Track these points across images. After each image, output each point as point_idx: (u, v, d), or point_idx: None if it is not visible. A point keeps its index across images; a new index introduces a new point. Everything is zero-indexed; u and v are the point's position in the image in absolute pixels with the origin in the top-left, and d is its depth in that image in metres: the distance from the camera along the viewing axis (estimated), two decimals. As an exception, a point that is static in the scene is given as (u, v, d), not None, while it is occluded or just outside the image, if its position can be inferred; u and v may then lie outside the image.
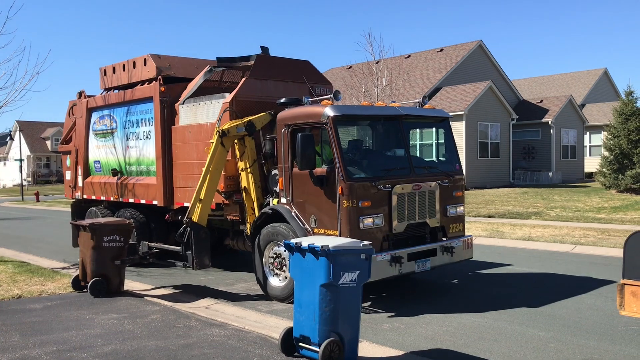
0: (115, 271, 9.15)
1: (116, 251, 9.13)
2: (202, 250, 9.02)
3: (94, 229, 8.97)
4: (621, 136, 26.87)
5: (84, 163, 13.49)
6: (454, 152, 9.43)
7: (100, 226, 9.07)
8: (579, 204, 21.45)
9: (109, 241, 9.04)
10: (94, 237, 8.94)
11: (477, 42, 35.88)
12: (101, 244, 8.98)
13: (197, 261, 8.99)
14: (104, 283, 9.00)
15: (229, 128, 9.01)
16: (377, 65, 25.01)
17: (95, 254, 8.99)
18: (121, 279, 9.29)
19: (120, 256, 9.18)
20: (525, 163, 35.48)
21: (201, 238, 9.02)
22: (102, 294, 8.93)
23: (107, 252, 9.03)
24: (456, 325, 7.19)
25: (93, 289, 8.93)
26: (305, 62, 10.97)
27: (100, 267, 9.00)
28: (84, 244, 9.18)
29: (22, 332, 7.10)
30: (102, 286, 8.97)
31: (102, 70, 13.15)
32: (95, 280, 8.94)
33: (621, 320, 7.09)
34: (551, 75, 51.13)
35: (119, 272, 9.22)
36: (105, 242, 9.00)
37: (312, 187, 8.10)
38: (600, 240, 13.26)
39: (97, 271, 9.00)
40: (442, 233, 8.79)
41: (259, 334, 6.89)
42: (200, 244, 9.00)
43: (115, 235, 9.10)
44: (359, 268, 5.74)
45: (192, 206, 9.07)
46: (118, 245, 9.14)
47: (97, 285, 8.95)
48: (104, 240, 8.99)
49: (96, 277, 8.96)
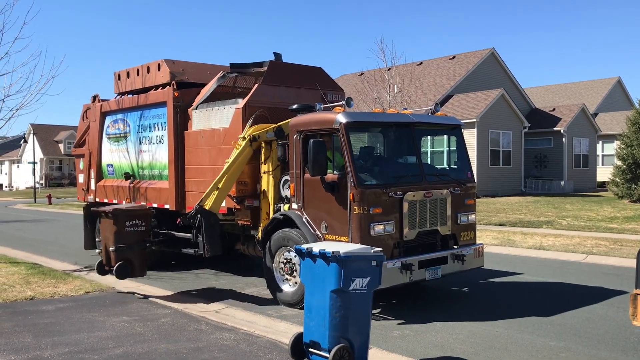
0: (138, 255, 9.31)
1: (138, 236, 9.32)
2: (213, 236, 9.11)
3: (116, 215, 9.19)
4: (634, 146, 26.68)
5: (97, 166, 13.61)
6: (465, 160, 9.42)
7: (122, 212, 9.29)
8: (591, 213, 21.31)
9: (131, 226, 9.26)
10: (117, 222, 9.14)
11: (490, 50, 35.83)
12: (123, 229, 9.17)
13: (208, 247, 9.08)
14: (127, 267, 9.17)
15: (259, 133, 9.16)
16: (388, 72, 25.04)
17: (118, 240, 9.16)
18: (144, 263, 9.45)
19: (143, 241, 9.33)
20: (537, 171, 35.30)
21: (211, 224, 9.09)
22: (127, 276, 9.16)
23: (129, 237, 9.22)
24: (466, 333, 7.17)
25: (118, 272, 9.09)
26: (318, 68, 11.02)
27: (123, 252, 9.16)
28: (106, 229, 9.37)
29: (35, 333, 7.17)
30: (126, 269, 9.16)
31: (116, 74, 13.28)
32: (120, 264, 9.12)
33: (633, 331, 7.04)
34: (564, 84, 50.91)
35: (142, 256, 9.39)
36: (127, 227, 9.21)
37: (323, 193, 8.13)
38: (612, 250, 13.17)
39: (121, 256, 9.16)
40: (453, 241, 8.78)
41: (269, 338, 6.91)
42: (211, 230, 9.08)
43: (137, 220, 9.33)
44: (369, 274, 5.75)
45: (207, 194, 9.17)
46: (140, 230, 9.35)
47: (122, 269, 9.12)
48: (126, 225, 9.20)
49: (120, 262, 9.12)
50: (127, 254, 9.21)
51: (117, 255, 9.18)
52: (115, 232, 9.17)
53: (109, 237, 9.28)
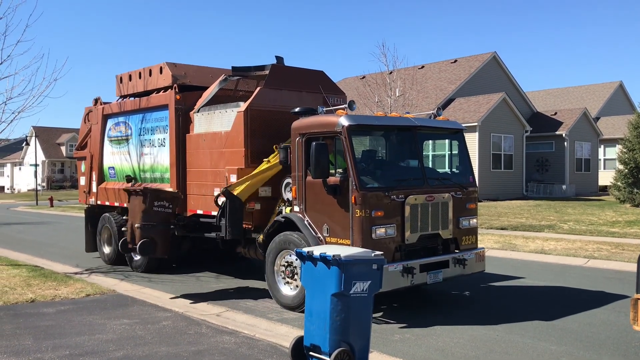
0: (162, 235, 9.34)
1: (164, 216, 9.37)
2: (236, 219, 9.12)
3: (145, 193, 9.30)
4: (636, 150, 26.65)
5: (99, 169, 13.62)
6: (467, 164, 9.42)
7: (152, 191, 9.42)
8: (592, 217, 21.28)
9: (158, 206, 9.33)
10: (145, 201, 9.21)
11: (491, 54, 35.84)
12: (151, 208, 9.24)
13: (229, 230, 9.09)
14: (151, 245, 9.19)
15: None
16: (390, 75, 25.05)
17: (145, 218, 9.20)
18: (167, 244, 9.51)
19: (168, 222, 9.38)
20: (539, 175, 35.27)
21: (236, 208, 9.11)
22: (150, 253, 9.24)
23: (156, 216, 9.26)
24: (467, 337, 7.16)
25: (142, 249, 9.13)
26: (320, 72, 11.03)
27: (148, 230, 9.20)
28: (135, 207, 9.43)
29: (36, 336, 7.17)
30: (150, 247, 9.18)
31: (118, 77, 13.30)
32: (144, 241, 9.16)
33: (635, 336, 7.02)
34: (565, 88, 50.89)
35: (166, 237, 9.44)
36: (155, 207, 9.27)
37: (325, 196, 8.13)
38: (614, 254, 13.14)
39: (146, 233, 9.20)
40: (455, 245, 8.77)
41: (269, 342, 6.90)
42: (235, 214, 9.11)
43: (165, 202, 9.41)
44: (370, 278, 5.75)
45: (239, 182, 9.20)
46: (166, 211, 9.41)
47: (146, 246, 9.16)
48: (154, 204, 9.26)
49: (145, 239, 9.15)
50: (152, 232, 9.27)
51: (142, 232, 9.22)
52: (144, 211, 9.22)
53: (137, 215, 9.33)
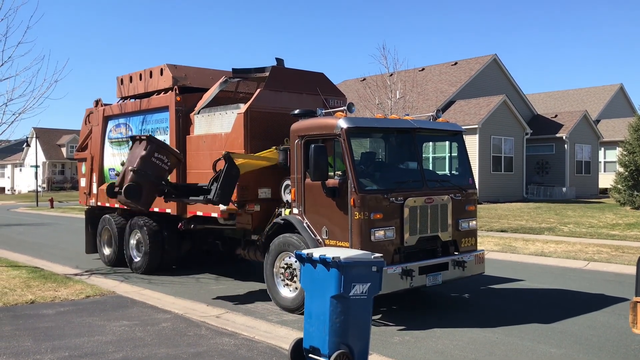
0: (151, 187, 9.11)
1: (159, 170, 9.18)
2: (228, 186, 8.98)
3: (151, 140, 9.16)
4: (636, 152, 26.66)
5: (99, 170, 13.63)
6: (467, 166, 9.42)
7: (157, 141, 9.30)
8: (592, 220, 21.28)
9: (158, 159, 9.17)
10: (147, 147, 9.05)
11: (492, 56, 35.88)
12: (150, 157, 9.06)
13: (219, 192, 8.89)
14: (137, 191, 8.93)
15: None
16: (391, 77, 25.05)
17: (142, 164, 8.99)
18: (151, 199, 9.29)
19: (160, 178, 9.23)
20: (539, 178, 35.27)
21: (232, 175, 8.97)
22: (133, 197, 8.88)
23: (152, 167, 9.09)
24: (467, 340, 7.15)
25: (127, 191, 8.84)
26: (320, 74, 11.04)
27: (140, 177, 8.97)
28: (135, 153, 9.25)
29: (35, 337, 7.17)
30: (135, 191, 8.90)
31: (118, 79, 13.32)
32: (131, 185, 8.89)
33: (634, 339, 7.02)
34: (566, 90, 50.92)
35: (153, 191, 9.21)
36: (154, 157, 9.12)
37: (324, 198, 8.13)
38: (614, 257, 13.14)
39: (136, 179, 8.96)
40: (454, 247, 8.77)
41: (268, 344, 6.90)
42: (228, 179, 8.97)
43: (165, 157, 9.23)
44: (369, 280, 5.75)
45: (241, 156, 9.20)
46: (163, 167, 9.24)
47: (131, 189, 8.87)
48: (154, 155, 9.10)
49: (133, 183, 8.92)
50: (142, 180, 9.02)
51: (133, 177, 9.01)
52: (142, 157, 9.04)
53: (134, 160, 9.14)
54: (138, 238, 12.06)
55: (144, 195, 9.09)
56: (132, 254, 12.22)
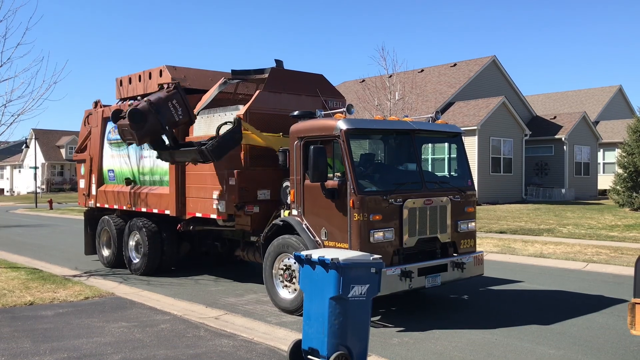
0: (155, 125, 9.57)
1: (169, 116, 9.71)
2: (225, 144, 9.16)
3: (177, 88, 9.78)
4: (635, 154, 26.68)
5: (98, 172, 13.63)
6: (466, 168, 9.43)
7: (182, 94, 9.85)
8: (591, 221, 21.29)
9: (173, 106, 9.73)
10: (171, 92, 9.65)
11: (491, 58, 35.90)
12: (168, 102, 9.67)
13: (216, 145, 9.07)
14: (142, 117, 9.43)
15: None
16: (390, 79, 25.08)
17: (157, 102, 9.47)
18: (151, 134, 9.78)
19: (166, 124, 9.67)
20: (538, 179, 35.29)
21: (234, 137, 9.17)
22: (138, 121, 9.39)
23: (165, 109, 9.58)
24: (465, 341, 7.16)
25: (131, 115, 9.37)
26: (319, 75, 11.05)
27: (151, 109, 9.46)
28: (156, 94, 9.91)
29: (34, 339, 7.17)
30: (140, 118, 9.40)
31: (118, 80, 13.32)
32: (136, 109, 9.43)
33: (633, 340, 7.02)
34: (565, 92, 50.97)
35: (156, 129, 9.69)
36: (171, 104, 9.67)
37: (323, 199, 8.14)
38: (612, 258, 13.15)
39: (147, 109, 9.49)
40: (453, 248, 8.77)
41: (267, 345, 6.90)
42: (229, 139, 9.17)
43: (180, 109, 9.70)
44: (368, 282, 5.75)
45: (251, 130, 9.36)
46: (174, 115, 9.79)
47: (136, 113, 9.38)
48: (172, 101, 9.69)
49: (142, 110, 9.44)
50: (149, 115, 9.45)
51: (145, 105, 9.46)
52: (162, 97, 9.64)
53: (154, 97, 9.67)
54: (137, 239, 12.06)
55: (145, 126, 9.44)
56: (131, 255, 12.22)
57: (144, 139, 9.73)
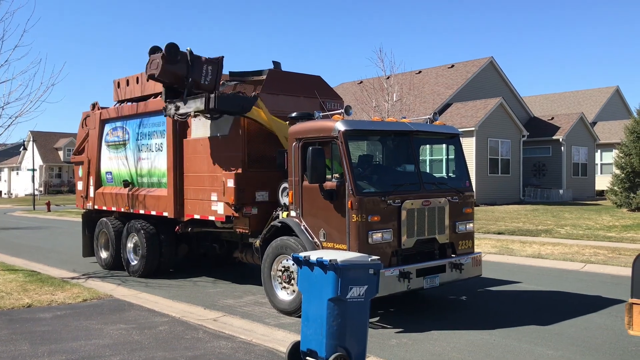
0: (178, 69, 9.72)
1: (198, 74, 9.74)
2: (232, 102, 9.40)
3: (220, 64, 9.93)
4: (633, 154, 26.73)
5: (96, 174, 13.62)
6: (464, 169, 9.44)
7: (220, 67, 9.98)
8: (589, 222, 21.32)
9: (206, 70, 9.86)
10: (215, 60, 9.91)
11: (488, 59, 35.95)
12: (204, 63, 9.81)
13: (221, 97, 9.31)
14: (175, 53, 9.64)
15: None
16: (387, 80, 25.12)
17: (194, 57, 9.72)
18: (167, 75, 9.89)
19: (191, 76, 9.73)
20: (536, 180, 35.34)
21: (243, 105, 9.40)
22: (172, 57, 9.62)
23: (197, 64, 9.73)
24: (464, 342, 7.16)
25: (168, 49, 9.56)
26: (317, 77, 11.06)
27: (188, 57, 9.72)
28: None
29: (32, 341, 7.16)
30: (175, 53, 9.61)
31: (115, 82, 13.31)
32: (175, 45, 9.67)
33: (631, 341, 7.03)
34: (562, 93, 51.03)
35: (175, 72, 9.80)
36: (205, 65, 9.82)
37: (321, 201, 8.14)
38: (610, 259, 13.17)
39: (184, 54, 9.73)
40: (451, 249, 8.78)
41: (266, 347, 6.90)
42: (238, 98, 9.49)
43: (210, 77, 9.84)
44: (367, 283, 5.76)
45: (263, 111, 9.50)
46: (203, 77, 9.79)
47: (174, 47, 9.62)
48: (206, 67, 9.84)
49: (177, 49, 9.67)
50: (185, 54, 9.68)
51: (185, 51, 9.73)
52: (204, 59, 9.85)
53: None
54: (135, 241, 12.05)
55: (173, 66, 9.63)
56: (129, 257, 12.21)
57: (165, 74, 9.76)
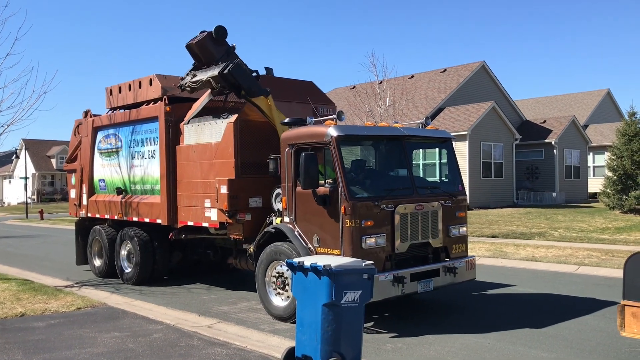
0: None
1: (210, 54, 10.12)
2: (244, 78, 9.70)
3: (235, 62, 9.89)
4: (624, 157, 26.87)
5: (89, 181, 13.58)
6: (456, 173, 9.48)
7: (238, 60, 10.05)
8: (582, 224, 21.41)
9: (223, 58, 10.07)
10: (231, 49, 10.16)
11: (480, 63, 36.11)
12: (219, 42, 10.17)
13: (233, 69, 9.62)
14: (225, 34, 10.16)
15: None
16: (380, 85, 25.17)
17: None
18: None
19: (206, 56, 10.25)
20: (529, 183, 35.46)
21: (252, 87, 9.70)
22: (220, 36, 10.05)
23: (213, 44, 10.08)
24: (459, 346, 7.17)
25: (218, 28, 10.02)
26: (309, 82, 11.09)
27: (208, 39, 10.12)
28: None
29: (25, 350, 7.12)
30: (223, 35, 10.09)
31: (107, 89, 13.29)
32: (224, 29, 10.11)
33: (625, 342, 7.07)
34: (554, 96, 51.29)
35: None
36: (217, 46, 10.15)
37: (315, 206, 8.15)
38: (604, 261, 13.22)
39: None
40: (445, 253, 8.80)
41: (261, 353, 6.89)
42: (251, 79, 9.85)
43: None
44: (361, 288, 5.77)
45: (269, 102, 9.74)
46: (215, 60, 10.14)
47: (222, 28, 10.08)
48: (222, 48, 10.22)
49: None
50: (230, 46, 10.12)
51: (230, 45, 10.14)
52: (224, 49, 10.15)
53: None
54: (129, 249, 12.02)
55: (215, 47, 10.04)
56: (123, 264, 12.17)
57: (201, 48, 10.11)
